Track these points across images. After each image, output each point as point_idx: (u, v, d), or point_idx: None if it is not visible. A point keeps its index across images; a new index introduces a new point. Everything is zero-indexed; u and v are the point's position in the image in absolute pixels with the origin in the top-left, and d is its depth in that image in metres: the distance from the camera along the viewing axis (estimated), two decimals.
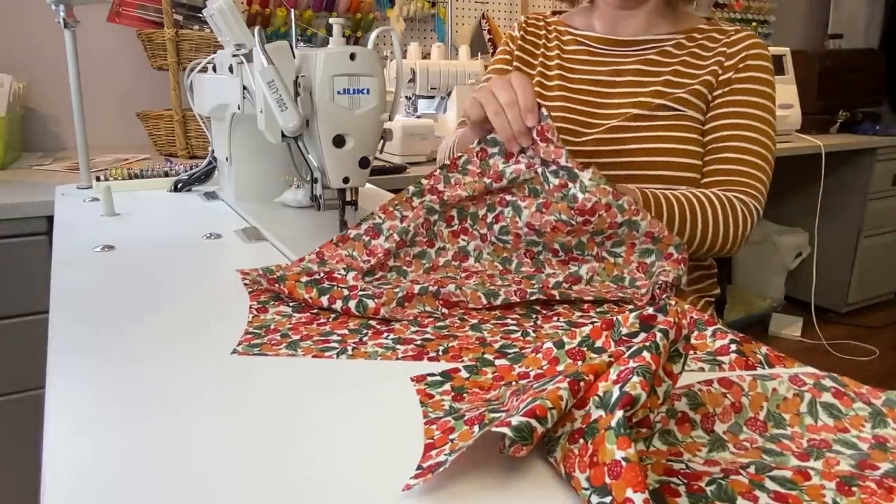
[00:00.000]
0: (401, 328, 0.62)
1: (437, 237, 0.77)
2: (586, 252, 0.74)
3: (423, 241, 0.76)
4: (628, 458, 0.34)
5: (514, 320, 0.64)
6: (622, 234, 0.72)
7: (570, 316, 0.66)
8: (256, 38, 0.79)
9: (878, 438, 0.44)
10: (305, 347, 0.57)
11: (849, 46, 3.21)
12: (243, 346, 0.57)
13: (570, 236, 0.73)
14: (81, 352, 0.55)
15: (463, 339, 0.59)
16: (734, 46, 0.98)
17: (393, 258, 0.75)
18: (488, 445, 0.40)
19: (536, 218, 0.72)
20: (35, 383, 1.26)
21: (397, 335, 0.60)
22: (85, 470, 0.40)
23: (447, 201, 0.75)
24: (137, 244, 0.87)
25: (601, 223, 0.70)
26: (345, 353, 0.56)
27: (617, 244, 0.73)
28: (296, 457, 0.41)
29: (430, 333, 0.61)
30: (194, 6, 1.66)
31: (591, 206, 0.69)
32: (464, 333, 0.61)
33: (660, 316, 0.47)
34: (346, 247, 0.74)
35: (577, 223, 0.70)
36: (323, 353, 0.56)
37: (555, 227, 0.71)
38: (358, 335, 0.60)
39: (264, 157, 1.06)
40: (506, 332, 0.61)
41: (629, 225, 0.70)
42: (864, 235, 2.84)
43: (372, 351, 0.57)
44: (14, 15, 1.76)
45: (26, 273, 1.22)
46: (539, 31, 1.11)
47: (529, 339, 0.59)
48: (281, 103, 0.78)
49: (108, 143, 1.90)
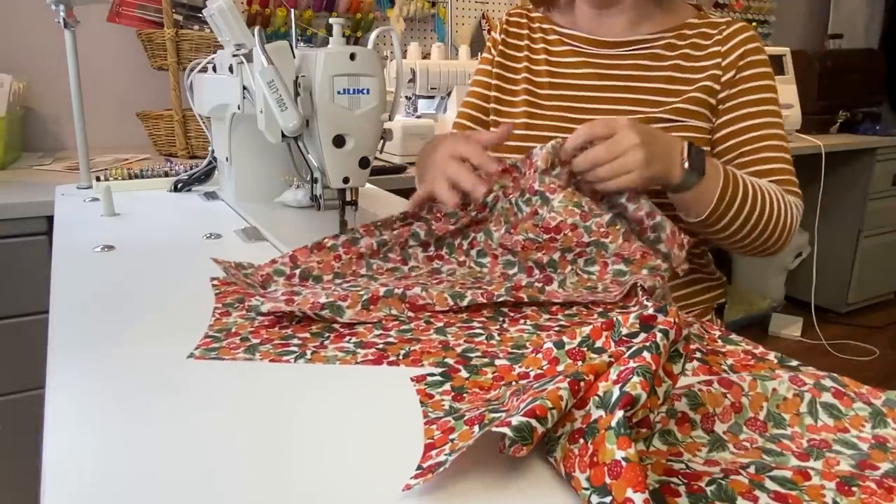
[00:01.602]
0: (364, 331, 0.60)
1: (412, 258, 0.78)
2: (559, 270, 0.73)
3: (396, 258, 0.77)
4: (628, 458, 0.34)
5: (480, 323, 0.63)
6: (591, 252, 0.72)
7: (537, 319, 0.64)
8: (256, 38, 0.79)
9: (878, 438, 0.44)
10: (263, 352, 0.56)
11: (849, 46, 3.21)
12: (200, 349, 0.56)
13: (540, 253, 0.73)
14: (81, 352, 0.55)
15: (426, 343, 0.58)
16: (728, 42, 0.95)
17: (366, 267, 0.75)
18: (488, 445, 0.40)
19: (507, 239, 0.74)
20: (35, 383, 1.26)
21: (359, 339, 0.59)
22: (85, 470, 0.40)
23: (434, 231, 0.77)
24: (137, 244, 0.87)
25: (567, 241, 0.71)
26: (303, 357, 0.55)
27: (589, 262, 0.73)
28: (296, 457, 0.41)
29: (394, 337, 0.60)
30: (194, 6, 1.67)
31: (556, 225, 0.71)
32: (427, 337, 0.60)
33: (660, 316, 0.47)
34: (321, 255, 0.74)
35: (544, 240, 0.72)
36: (281, 357, 0.55)
37: (524, 245, 0.73)
38: (319, 339, 0.59)
39: (264, 157, 1.06)
40: (470, 336, 0.60)
41: (597, 245, 0.71)
42: (864, 235, 2.84)
43: (331, 355, 0.55)
44: (14, 15, 1.76)
45: (26, 273, 1.22)
46: (522, 31, 1.08)
47: (493, 342, 0.59)
48: (281, 103, 0.78)
49: (108, 143, 1.90)
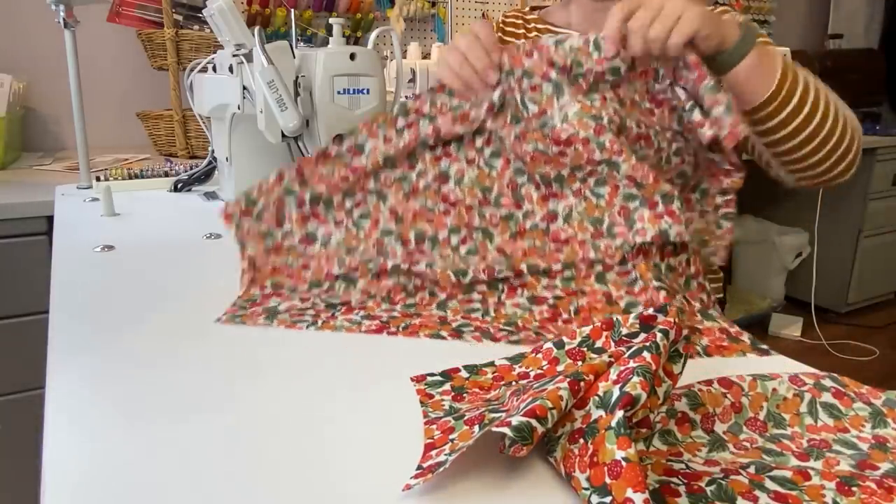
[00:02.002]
0: (372, 305, 0.67)
1: (419, 160, 0.74)
2: (566, 186, 0.70)
3: (404, 163, 0.74)
4: (628, 458, 0.34)
5: (479, 294, 0.67)
6: (602, 172, 0.68)
7: (535, 287, 0.66)
8: (256, 38, 0.79)
9: (878, 438, 0.44)
10: (281, 319, 0.63)
11: (849, 46, 3.21)
12: (227, 315, 0.64)
13: (548, 167, 0.70)
14: (81, 352, 0.55)
15: (426, 318, 0.64)
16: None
17: (373, 181, 0.73)
18: (488, 445, 0.40)
19: (516, 147, 0.70)
20: (35, 383, 1.25)
21: (367, 312, 0.65)
22: (85, 470, 0.40)
23: (441, 134, 0.73)
24: (137, 244, 0.87)
25: (578, 158, 0.67)
26: (315, 325, 0.62)
27: (599, 183, 0.69)
28: (296, 457, 0.41)
29: (398, 312, 0.65)
30: (194, 6, 1.66)
31: (567, 138, 0.67)
32: (428, 312, 0.66)
33: (660, 316, 0.47)
34: (327, 165, 0.72)
35: (554, 153, 0.68)
36: (294, 324, 0.62)
37: (533, 157, 0.69)
38: (332, 311, 0.65)
39: (264, 157, 1.06)
40: (467, 311, 0.66)
41: (609, 165, 0.67)
42: (864, 235, 2.84)
43: (339, 325, 0.62)
44: (14, 15, 1.76)
45: (26, 273, 1.22)
46: (518, 31, 1.07)
47: (488, 318, 0.64)
48: (281, 103, 0.78)
49: (108, 143, 1.89)
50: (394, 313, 0.65)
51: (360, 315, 0.64)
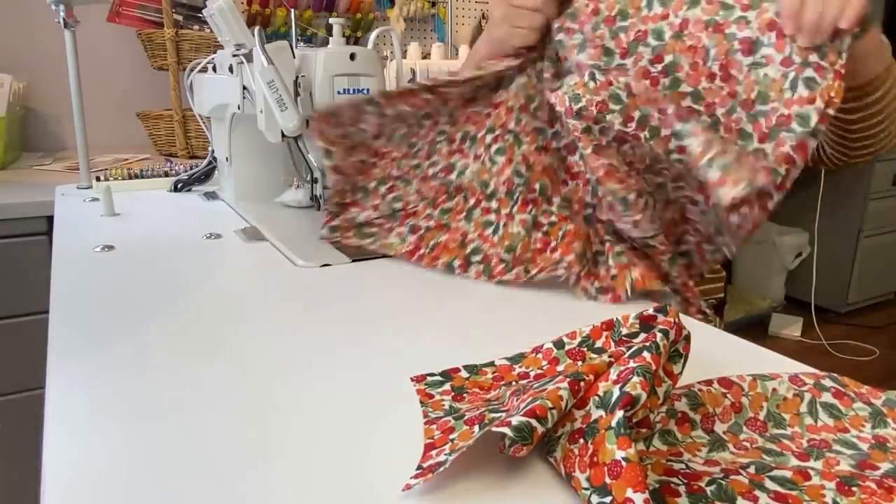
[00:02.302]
0: (421, 209, 0.79)
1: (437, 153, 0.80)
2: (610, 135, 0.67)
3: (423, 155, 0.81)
4: (628, 458, 0.34)
5: (497, 202, 0.75)
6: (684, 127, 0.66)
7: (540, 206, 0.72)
8: (256, 38, 0.79)
9: (878, 438, 0.44)
10: (366, 232, 0.80)
11: None
12: (326, 228, 0.81)
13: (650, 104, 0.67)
14: (81, 352, 0.55)
15: (452, 233, 0.75)
16: None
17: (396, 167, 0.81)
18: (488, 445, 0.40)
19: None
20: (35, 383, 1.25)
21: (415, 219, 0.78)
22: (85, 470, 0.40)
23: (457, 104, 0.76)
24: (137, 244, 0.87)
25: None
26: (377, 240, 0.79)
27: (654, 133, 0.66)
28: (295, 457, 0.41)
29: (435, 220, 0.77)
30: (194, 6, 1.66)
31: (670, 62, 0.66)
32: (456, 224, 0.76)
33: (660, 316, 0.47)
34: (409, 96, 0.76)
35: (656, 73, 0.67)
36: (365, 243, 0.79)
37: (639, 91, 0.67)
38: (392, 221, 0.81)
39: (264, 157, 1.06)
40: (485, 224, 0.74)
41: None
42: (864, 235, 2.84)
43: (390, 242, 0.78)
44: (14, 15, 1.76)
45: (26, 273, 1.22)
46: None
47: (495, 239, 0.72)
48: (281, 103, 0.78)
49: (108, 143, 1.89)
50: (431, 222, 0.76)
51: (408, 226, 0.77)
